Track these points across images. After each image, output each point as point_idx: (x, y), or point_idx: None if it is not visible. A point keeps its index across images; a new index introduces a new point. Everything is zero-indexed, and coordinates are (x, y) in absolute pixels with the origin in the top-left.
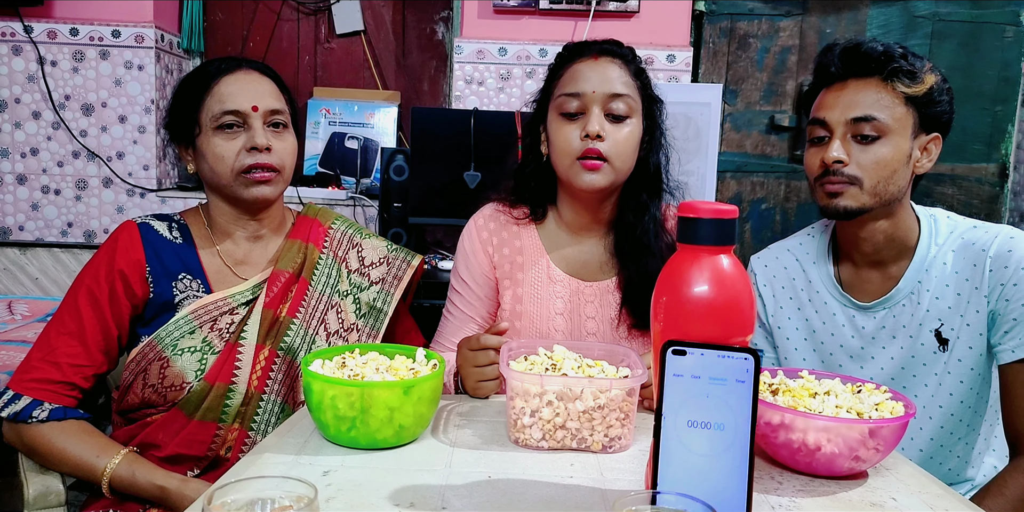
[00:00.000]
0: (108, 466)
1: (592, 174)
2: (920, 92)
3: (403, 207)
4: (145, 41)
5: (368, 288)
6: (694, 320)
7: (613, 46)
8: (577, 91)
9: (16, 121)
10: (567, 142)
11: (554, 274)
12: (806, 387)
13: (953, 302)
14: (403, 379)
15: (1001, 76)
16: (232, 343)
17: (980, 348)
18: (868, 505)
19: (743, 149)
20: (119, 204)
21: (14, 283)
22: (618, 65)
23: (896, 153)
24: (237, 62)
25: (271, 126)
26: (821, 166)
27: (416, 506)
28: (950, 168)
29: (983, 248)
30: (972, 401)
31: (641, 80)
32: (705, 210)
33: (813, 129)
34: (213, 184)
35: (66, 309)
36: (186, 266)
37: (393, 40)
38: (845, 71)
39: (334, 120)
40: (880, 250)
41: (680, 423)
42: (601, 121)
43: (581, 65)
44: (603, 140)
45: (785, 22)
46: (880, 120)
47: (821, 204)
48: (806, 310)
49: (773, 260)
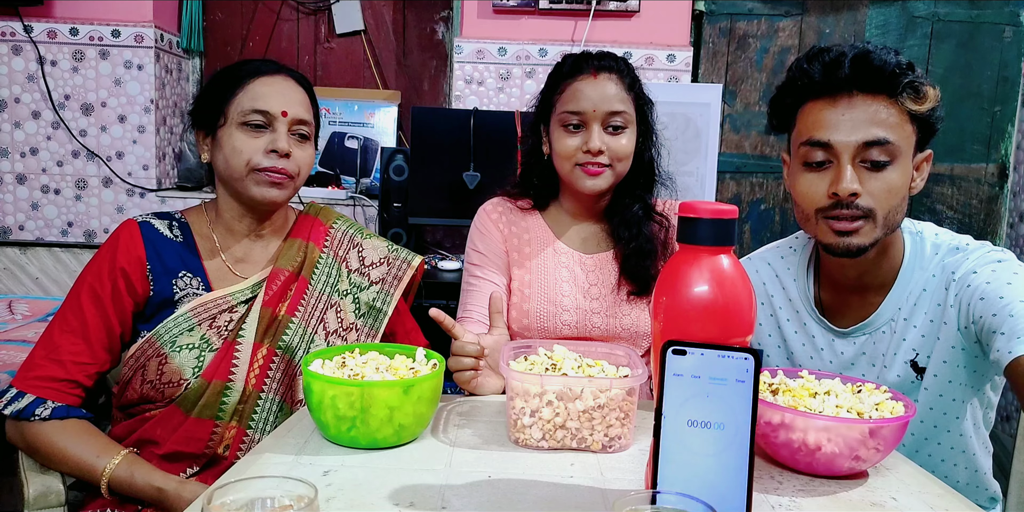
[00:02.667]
0: (107, 467)
1: (594, 179)
2: (924, 110)
3: (403, 207)
4: (145, 41)
5: (368, 288)
6: (694, 320)
7: (611, 62)
8: (578, 110)
9: (16, 121)
10: (569, 152)
11: (559, 247)
12: (806, 387)
13: (927, 330)
14: (403, 379)
15: (1000, 76)
16: (230, 341)
17: (958, 378)
18: (868, 505)
19: (742, 150)
20: (119, 204)
21: (14, 283)
22: (615, 81)
23: (904, 178)
24: (277, 67)
25: (295, 135)
26: (831, 197)
27: (416, 506)
28: (949, 168)
29: (953, 271)
30: (964, 430)
31: (635, 91)
32: (705, 210)
33: (810, 152)
34: (224, 177)
35: (69, 307)
36: (186, 264)
37: (393, 40)
38: (850, 84)
39: (334, 120)
40: (863, 276)
41: (680, 423)
42: (601, 137)
43: (581, 84)
44: (604, 153)
45: (784, 22)
46: (893, 143)
47: (825, 242)
48: (785, 330)
49: (753, 274)
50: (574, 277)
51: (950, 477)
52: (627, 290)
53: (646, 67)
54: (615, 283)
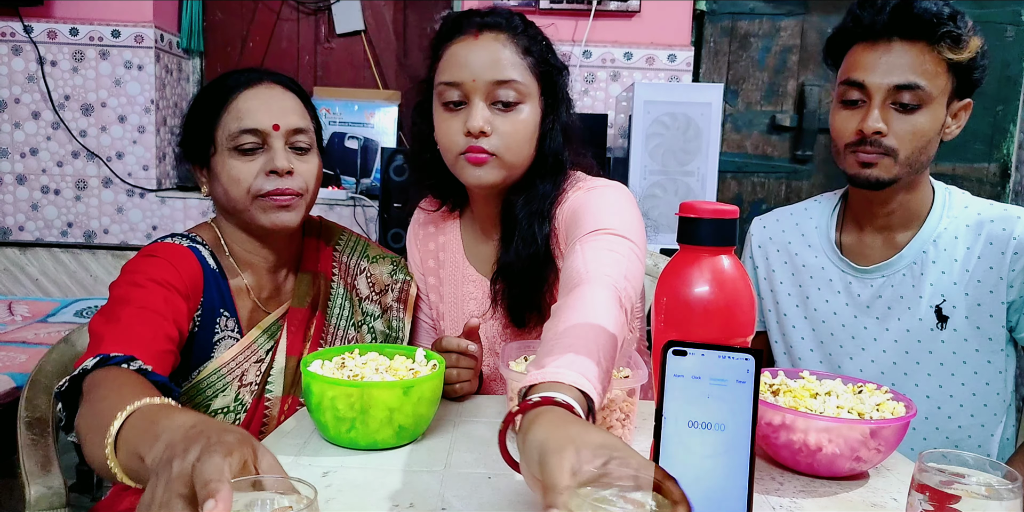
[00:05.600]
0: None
1: (477, 169)
2: (964, 59)
3: (403, 207)
4: (145, 41)
5: (381, 316)
6: (694, 320)
7: (497, 18)
8: (455, 79)
9: (16, 121)
10: (449, 137)
11: (468, 273)
12: (807, 387)
13: (960, 279)
14: (403, 379)
15: (1002, 75)
16: (258, 398)
17: (989, 331)
18: (869, 506)
19: (743, 149)
20: (119, 204)
21: (14, 283)
22: (503, 42)
23: (933, 123)
24: (259, 75)
25: (293, 148)
26: (857, 134)
27: (416, 506)
28: (951, 168)
29: (1004, 228)
30: (977, 387)
31: (535, 55)
32: (705, 210)
33: (847, 90)
34: (228, 209)
35: (121, 299)
36: (224, 301)
37: (393, 40)
38: (890, 30)
39: (334, 120)
40: (891, 218)
41: (680, 424)
42: (484, 114)
43: (459, 46)
44: (488, 135)
45: (786, 21)
46: (924, 89)
47: (850, 172)
48: (800, 275)
49: (773, 222)
50: (481, 309)
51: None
52: (501, 322)
53: (647, 67)
54: (493, 311)
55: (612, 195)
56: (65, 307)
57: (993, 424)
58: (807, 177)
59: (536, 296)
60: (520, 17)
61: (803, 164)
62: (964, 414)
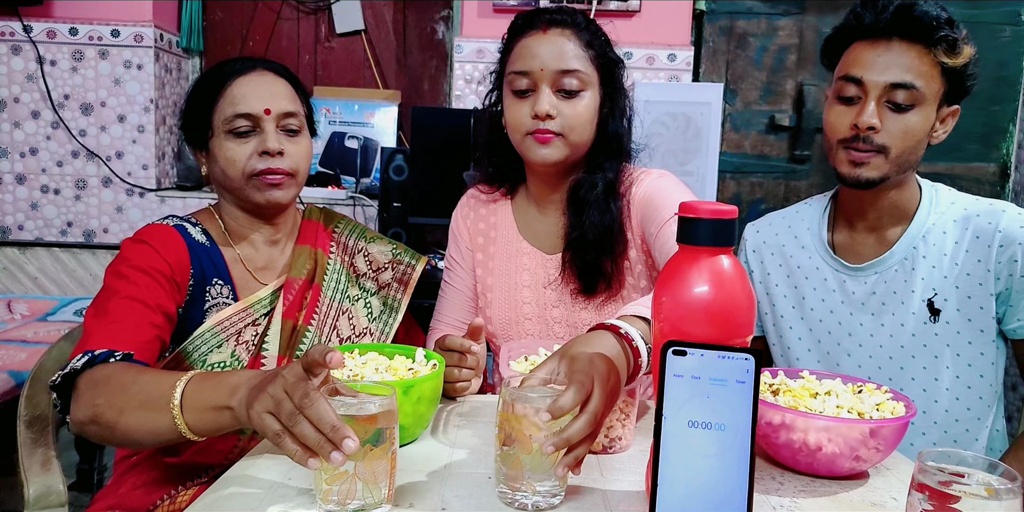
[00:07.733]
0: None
1: (544, 148)
2: (958, 65)
3: (403, 207)
4: (144, 40)
5: (377, 292)
6: (694, 321)
7: (563, 15)
8: (525, 69)
9: (15, 121)
10: (518, 119)
11: (522, 247)
12: (807, 387)
13: (950, 272)
14: (402, 379)
15: (1000, 76)
16: (255, 356)
17: (980, 322)
18: (869, 505)
19: (742, 149)
20: (118, 204)
21: (13, 282)
22: (568, 36)
23: (924, 124)
24: (252, 63)
25: (285, 130)
26: (852, 129)
27: (416, 506)
28: (949, 168)
29: (990, 221)
30: (971, 380)
31: (596, 48)
32: (705, 210)
33: (844, 86)
34: (226, 188)
35: (109, 290)
36: (217, 270)
37: (393, 39)
38: (891, 29)
39: (334, 119)
40: (881, 216)
41: (681, 424)
42: (551, 100)
43: (529, 40)
44: (553, 118)
45: (784, 21)
46: (918, 89)
47: (841, 171)
48: (796, 277)
49: (766, 226)
50: (535, 281)
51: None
52: (571, 288)
53: (647, 67)
54: (562, 279)
55: (680, 183)
56: (64, 306)
57: (987, 416)
58: (805, 177)
59: (606, 263)
60: (583, 15)
61: (801, 164)
62: (960, 407)
